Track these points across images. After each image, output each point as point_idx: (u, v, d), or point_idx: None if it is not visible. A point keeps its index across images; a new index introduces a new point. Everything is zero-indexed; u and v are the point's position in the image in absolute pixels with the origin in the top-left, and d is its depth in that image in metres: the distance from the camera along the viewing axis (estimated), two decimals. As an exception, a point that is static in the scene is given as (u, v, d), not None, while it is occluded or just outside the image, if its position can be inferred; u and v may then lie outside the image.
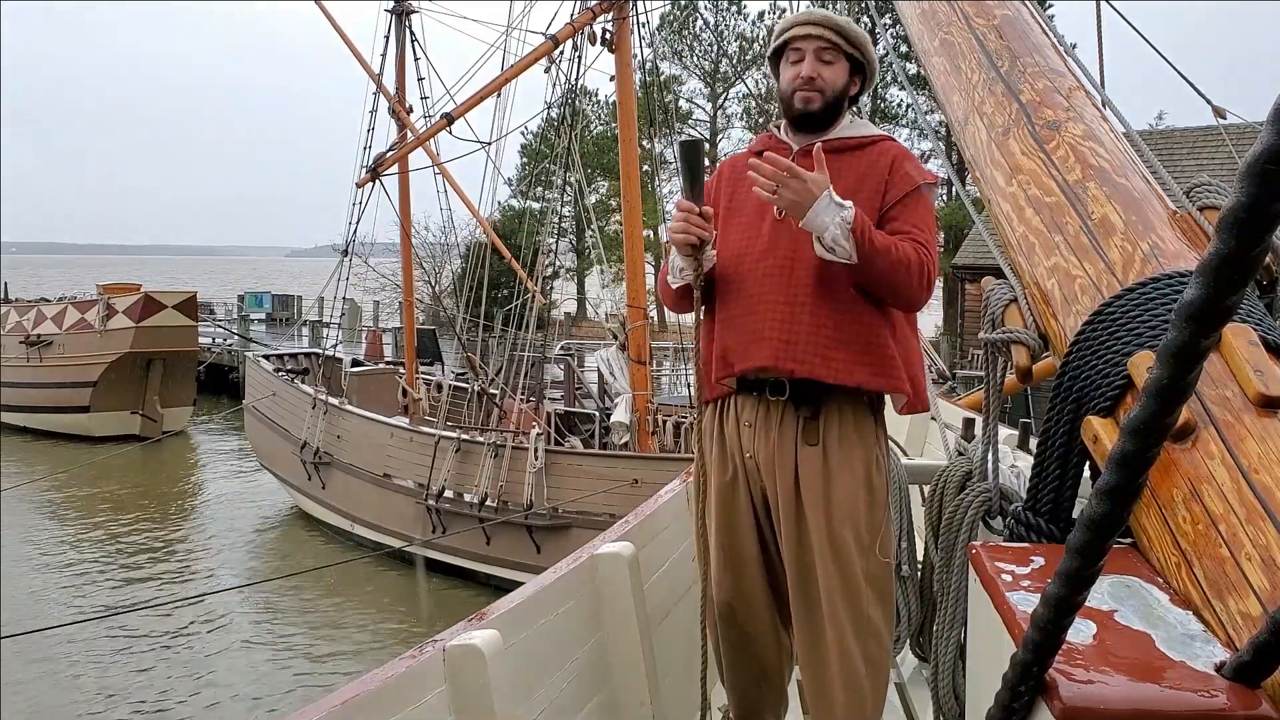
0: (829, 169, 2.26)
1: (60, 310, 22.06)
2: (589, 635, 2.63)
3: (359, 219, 15.47)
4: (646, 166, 24.38)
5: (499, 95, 13.33)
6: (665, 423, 12.53)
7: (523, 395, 13.05)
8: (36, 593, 11.41)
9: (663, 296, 2.60)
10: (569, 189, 13.94)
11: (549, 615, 2.41)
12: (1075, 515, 1.44)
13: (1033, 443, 2.65)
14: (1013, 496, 2.07)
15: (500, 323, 15.71)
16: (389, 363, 19.87)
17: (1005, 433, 3.32)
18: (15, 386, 22.00)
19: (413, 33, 16.29)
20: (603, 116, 38.13)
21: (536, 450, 11.18)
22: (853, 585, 2.29)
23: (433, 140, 14.65)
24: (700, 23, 41.94)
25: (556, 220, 14.72)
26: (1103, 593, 1.20)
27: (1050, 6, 31.54)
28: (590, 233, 26.03)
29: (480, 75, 13.90)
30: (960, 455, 2.55)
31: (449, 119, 13.06)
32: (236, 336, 29.84)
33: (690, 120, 40.15)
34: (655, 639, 2.79)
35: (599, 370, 14.77)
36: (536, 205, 23.82)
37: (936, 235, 2.42)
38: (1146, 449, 0.86)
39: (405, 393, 15.79)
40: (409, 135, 15.17)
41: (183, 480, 18.19)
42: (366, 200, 15.30)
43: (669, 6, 38.40)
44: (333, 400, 14.22)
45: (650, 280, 17.66)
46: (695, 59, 42.14)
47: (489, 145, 13.63)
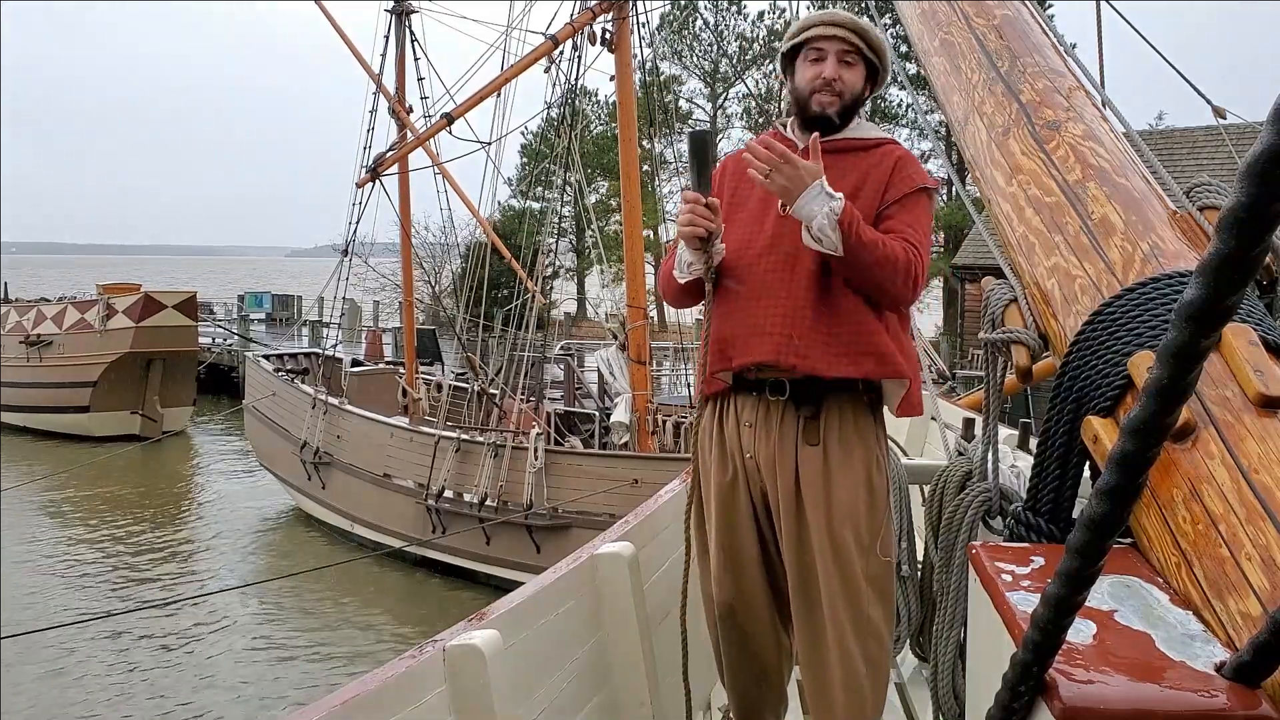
0: (835, 169, 2.26)
1: (60, 310, 22.07)
2: (589, 635, 2.63)
3: (359, 219, 15.53)
4: (646, 166, 24.35)
5: (499, 95, 13.35)
6: (665, 423, 12.53)
7: (523, 395, 13.04)
8: (36, 593, 11.41)
9: (665, 292, 2.58)
10: (569, 189, 13.94)
11: (549, 615, 2.41)
12: (1075, 515, 1.44)
13: (1033, 443, 2.64)
14: (1013, 496, 2.07)
15: (500, 323, 15.71)
16: (389, 363, 19.89)
17: (1005, 433, 3.32)
18: (15, 386, 22.01)
19: (413, 33, 16.32)
20: (603, 116, 38.12)
21: (536, 450, 11.18)
22: (853, 585, 2.29)
23: (433, 140, 14.66)
24: (700, 23, 41.95)
25: (556, 220, 14.73)
26: (1103, 593, 1.20)
27: (1050, 6, 31.54)
28: (590, 233, 26.05)
29: (480, 75, 13.92)
30: (960, 455, 2.55)
31: (449, 119, 13.06)
32: (236, 336, 29.85)
33: (690, 120, 40.12)
34: (655, 639, 2.79)
35: (599, 370, 14.76)
36: (536, 205, 23.82)
37: (932, 239, 2.42)
38: (1146, 449, 0.86)
39: (405, 393, 15.79)
40: (409, 135, 15.17)
41: (183, 480, 18.19)
42: (366, 200, 15.34)
43: (669, 6, 38.39)
44: (333, 400, 14.22)
45: (650, 280, 17.66)
46: (695, 59, 42.14)
47: (489, 145, 13.65)
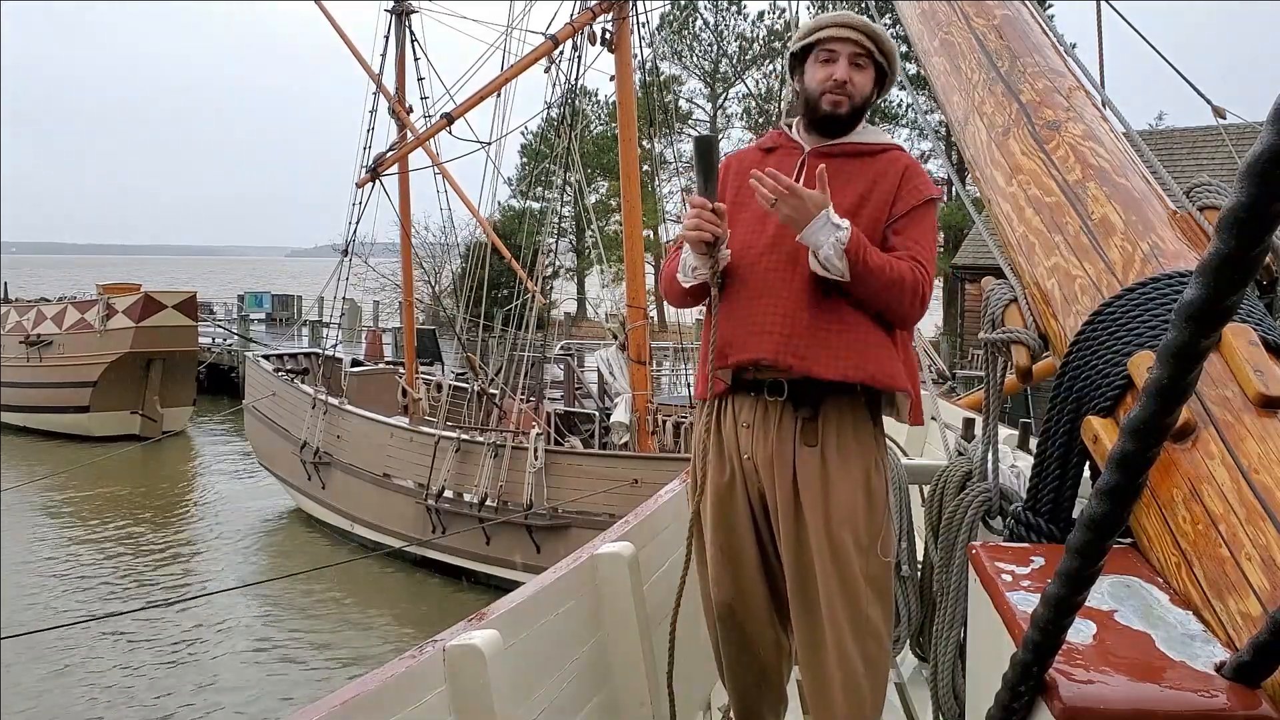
0: (841, 174, 2.26)
1: (60, 310, 22.07)
2: (589, 635, 2.62)
3: (359, 219, 15.52)
4: (646, 166, 24.36)
5: (499, 95, 13.34)
6: (665, 423, 12.53)
7: (522, 395, 13.04)
8: (36, 593, 11.41)
9: (667, 293, 2.58)
10: (569, 189, 13.94)
11: (549, 615, 2.40)
12: (1075, 515, 1.44)
13: (1033, 443, 2.65)
14: (1013, 496, 2.07)
15: (500, 323, 15.70)
16: (389, 363, 19.88)
17: (1005, 433, 3.32)
18: (15, 386, 22.01)
19: (413, 33, 16.31)
20: (603, 116, 38.12)
21: (536, 450, 11.18)
22: (851, 586, 2.29)
23: (433, 140, 14.66)
24: (700, 23, 41.96)
25: (556, 220, 14.72)
26: (1103, 593, 1.20)
27: (1050, 6, 31.56)
28: (590, 233, 26.04)
29: (480, 75, 13.92)
30: (960, 455, 2.55)
31: (449, 119, 13.06)
32: (236, 336, 29.84)
33: (690, 120, 40.14)
34: (655, 639, 2.79)
35: (599, 370, 14.77)
36: (536, 205, 23.83)
37: (936, 247, 2.43)
38: (1146, 449, 0.86)
39: (405, 393, 15.79)
40: (409, 135, 15.17)
41: (183, 481, 18.18)
42: (366, 200, 15.34)
43: (669, 6, 38.42)
44: (333, 400, 14.22)
45: (650, 280, 17.66)
46: (695, 59, 42.16)
47: (489, 145, 13.65)
